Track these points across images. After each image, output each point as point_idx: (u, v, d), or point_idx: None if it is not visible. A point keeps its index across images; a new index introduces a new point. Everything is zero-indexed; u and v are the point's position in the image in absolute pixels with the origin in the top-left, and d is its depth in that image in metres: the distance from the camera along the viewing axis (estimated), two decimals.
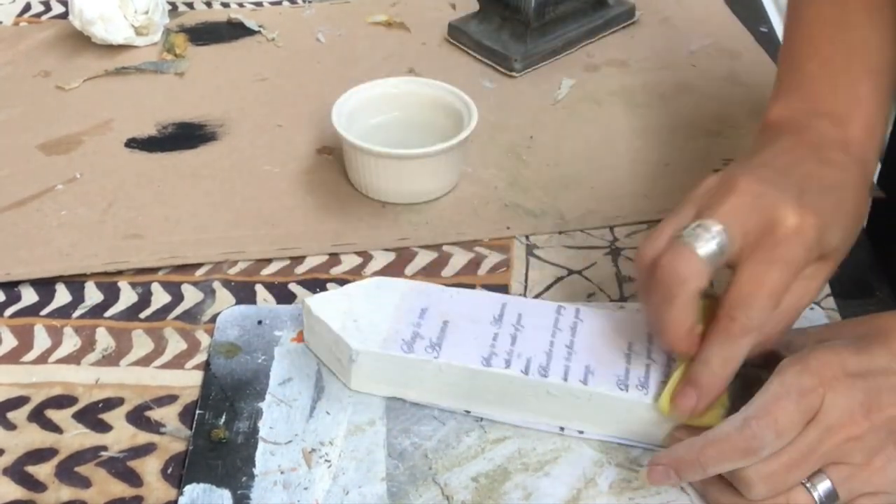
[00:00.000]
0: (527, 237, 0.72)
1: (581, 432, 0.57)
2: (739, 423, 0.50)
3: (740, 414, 0.51)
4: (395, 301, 0.61)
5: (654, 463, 0.53)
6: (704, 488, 0.54)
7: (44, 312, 0.67)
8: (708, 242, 0.52)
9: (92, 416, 0.60)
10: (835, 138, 0.58)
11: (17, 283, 0.69)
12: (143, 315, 0.66)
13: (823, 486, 0.51)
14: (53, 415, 0.60)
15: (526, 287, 0.68)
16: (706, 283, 0.52)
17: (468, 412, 0.58)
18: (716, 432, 0.51)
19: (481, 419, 0.58)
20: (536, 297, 0.66)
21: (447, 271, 0.69)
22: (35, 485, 0.56)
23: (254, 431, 0.58)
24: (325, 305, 0.61)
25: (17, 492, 0.56)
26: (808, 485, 0.51)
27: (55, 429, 0.59)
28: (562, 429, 0.57)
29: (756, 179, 0.54)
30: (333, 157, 0.79)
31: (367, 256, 0.70)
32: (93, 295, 0.68)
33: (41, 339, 0.65)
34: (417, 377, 0.58)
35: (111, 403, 0.60)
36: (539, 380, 0.56)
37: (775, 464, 0.50)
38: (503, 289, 0.67)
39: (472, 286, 0.68)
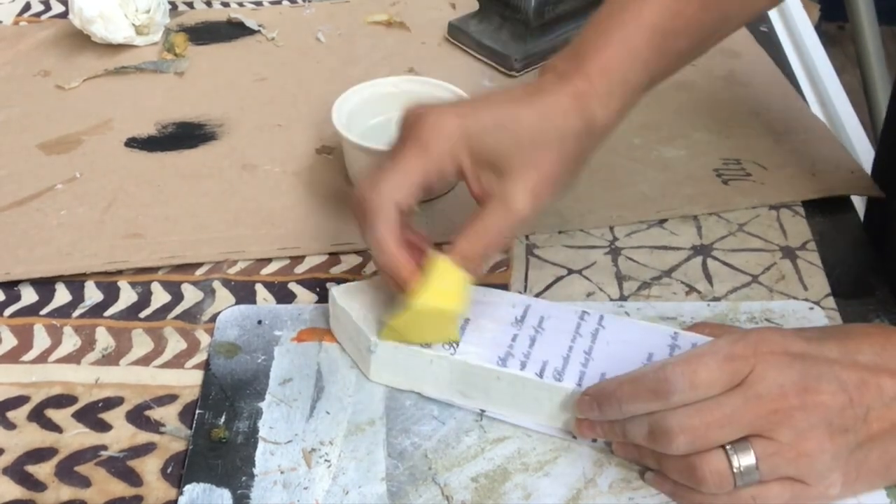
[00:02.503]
0: (526, 237, 0.72)
1: (594, 441, 0.57)
2: (659, 365, 0.52)
3: (665, 360, 0.52)
4: None
5: (584, 393, 0.55)
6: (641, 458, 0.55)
7: (43, 312, 0.67)
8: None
9: (92, 416, 0.60)
10: (557, 75, 0.59)
11: (16, 283, 0.69)
12: (142, 315, 0.66)
13: (746, 456, 0.50)
14: (53, 414, 0.60)
15: (526, 287, 0.68)
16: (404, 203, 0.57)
17: (483, 412, 0.58)
18: (635, 372, 0.53)
19: (481, 418, 0.58)
20: (536, 296, 0.66)
21: None
22: (35, 484, 0.56)
23: (254, 431, 0.58)
24: (350, 296, 0.61)
25: (17, 491, 0.56)
26: (730, 450, 0.50)
27: (55, 428, 0.59)
28: (574, 437, 0.57)
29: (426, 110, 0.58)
30: (333, 157, 0.79)
31: (367, 256, 0.70)
32: (92, 294, 0.68)
33: (41, 339, 0.65)
34: (433, 373, 0.58)
35: (111, 403, 0.60)
36: (553, 384, 0.56)
37: (697, 419, 0.50)
38: (503, 288, 0.67)
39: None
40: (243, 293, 0.68)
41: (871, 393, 0.50)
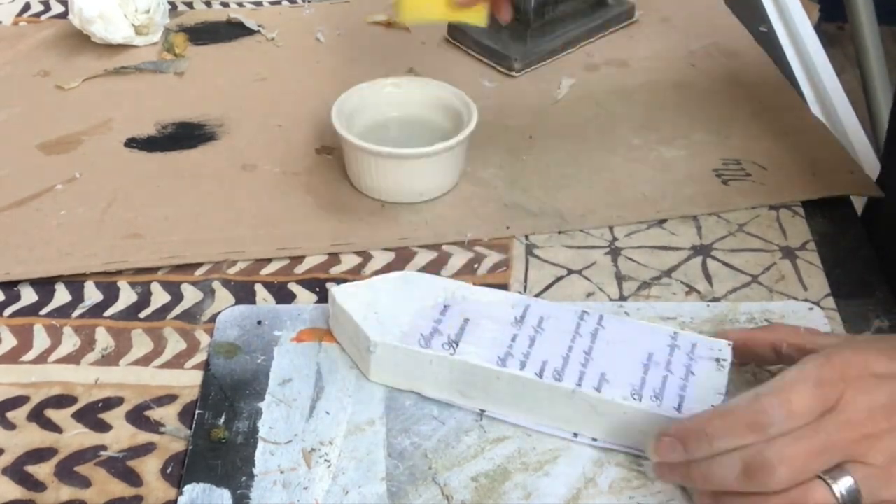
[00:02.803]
0: (526, 237, 0.72)
1: (595, 440, 0.57)
2: (751, 397, 0.50)
3: (753, 390, 0.50)
4: (419, 296, 0.61)
5: (662, 434, 0.52)
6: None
7: (43, 312, 0.67)
8: None
9: (91, 416, 0.60)
10: None
11: (16, 283, 0.69)
12: (142, 315, 0.66)
13: (845, 482, 0.49)
14: (53, 414, 0.60)
15: (525, 287, 0.68)
16: None
17: (483, 411, 0.58)
18: (725, 405, 0.51)
19: (481, 418, 0.58)
20: (536, 296, 0.66)
21: (446, 271, 0.69)
22: (35, 484, 0.56)
23: (253, 431, 0.58)
24: (350, 296, 0.61)
25: (17, 491, 0.56)
26: (828, 480, 0.49)
27: (55, 428, 0.59)
28: (575, 435, 0.57)
29: None
30: (333, 157, 0.79)
31: (366, 256, 0.70)
32: (92, 295, 0.68)
33: (41, 339, 0.65)
34: (433, 373, 0.58)
35: (111, 403, 0.60)
36: (552, 384, 0.56)
37: (796, 447, 0.49)
38: (503, 289, 0.67)
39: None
40: (243, 293, 0.68)
41: None
